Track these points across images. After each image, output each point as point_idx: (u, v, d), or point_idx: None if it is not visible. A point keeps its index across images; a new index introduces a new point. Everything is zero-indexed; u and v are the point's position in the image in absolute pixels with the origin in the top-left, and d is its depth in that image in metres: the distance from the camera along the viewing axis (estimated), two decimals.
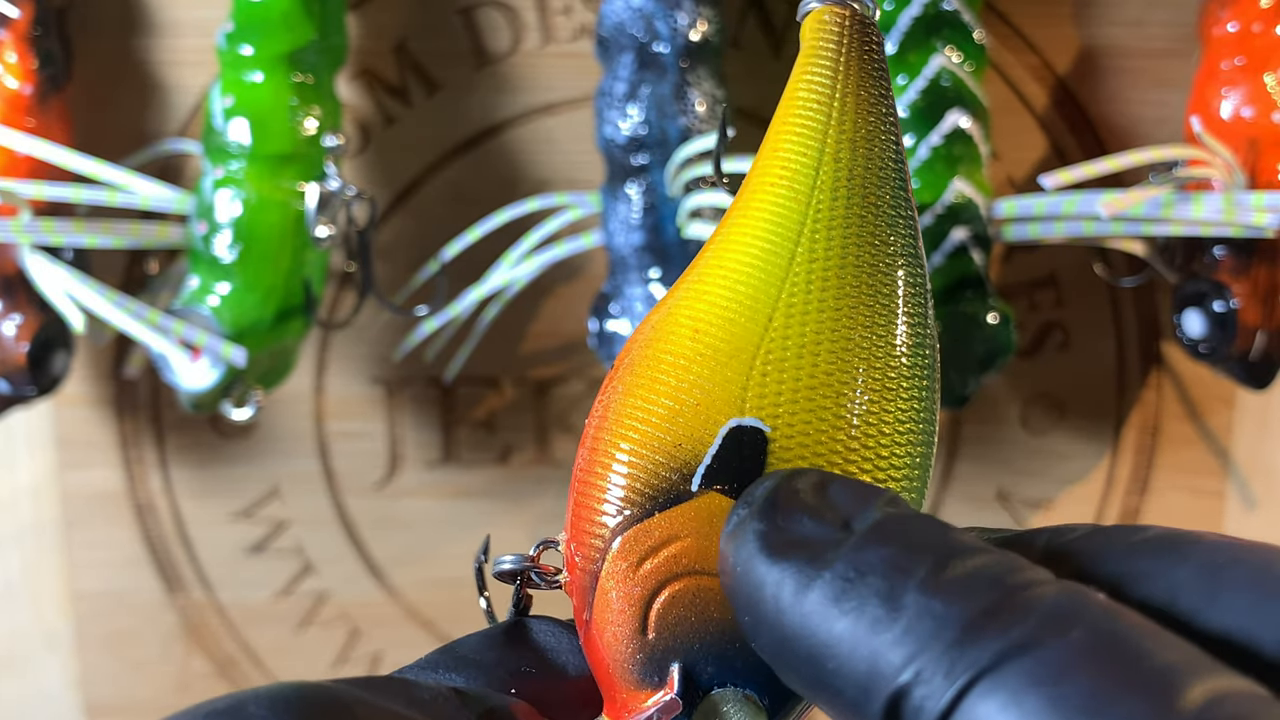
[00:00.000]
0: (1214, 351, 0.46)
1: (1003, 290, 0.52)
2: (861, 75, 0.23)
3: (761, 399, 0.22)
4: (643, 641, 0.21)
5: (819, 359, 0.22)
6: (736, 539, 0.20)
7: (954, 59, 0.45)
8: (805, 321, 0.22)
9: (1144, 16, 0.50)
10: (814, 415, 0.22)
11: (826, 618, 0.18)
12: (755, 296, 0.22)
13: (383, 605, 0.55)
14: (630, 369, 0.23)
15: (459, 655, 0.23)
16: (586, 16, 0.50)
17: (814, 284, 0.22)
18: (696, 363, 0.22)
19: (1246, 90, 0.45)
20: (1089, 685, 0.16)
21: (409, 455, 0.54)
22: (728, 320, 0.22)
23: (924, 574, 0.18)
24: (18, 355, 0.45)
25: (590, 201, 0.47)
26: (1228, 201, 0.42)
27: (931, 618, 0.17)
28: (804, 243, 0.22)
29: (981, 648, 0.17)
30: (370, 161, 0.51)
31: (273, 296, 0.44)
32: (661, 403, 0.22)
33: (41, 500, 0.54)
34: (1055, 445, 0.54)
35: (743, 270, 0.23)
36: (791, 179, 0.23)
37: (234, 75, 0.44)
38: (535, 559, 0.24)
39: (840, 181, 0.23)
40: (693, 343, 0.22)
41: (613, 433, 0.22)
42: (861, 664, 0.18)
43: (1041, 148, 0.51)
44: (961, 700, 0.17)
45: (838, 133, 0.23)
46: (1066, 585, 0.18)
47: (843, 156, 0.23)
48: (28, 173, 0.45)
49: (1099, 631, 0.17)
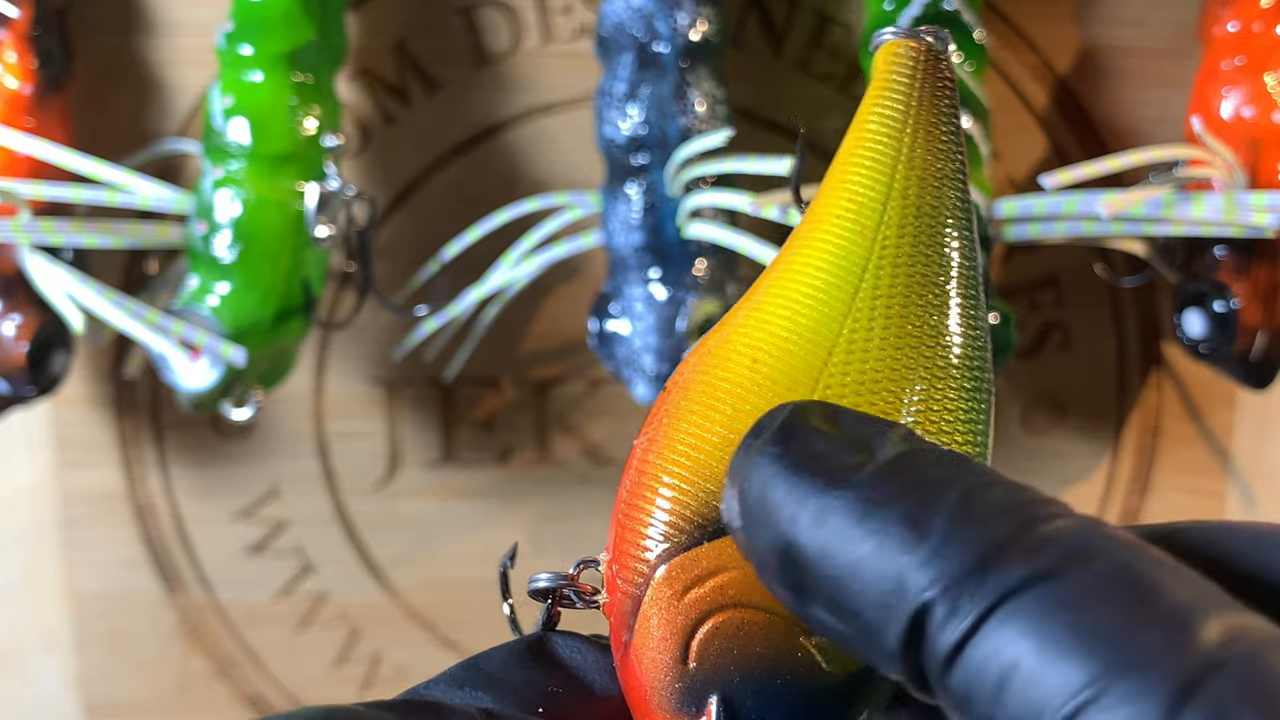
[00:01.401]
0: (1214, 351, 0.46)
1: (1003, 290, 0.52)
2: (934, 111, 0.23)
3: None
4: (683, 670, 0.21)
5: (877, 397, 0.22)
6: (749, 462, 0.20)
7: (954, 59, 0.45)
8: (865, 358, 0.22)
9: (1144, 16, 0.50)
10: None
11: (851, 538, 0.18)
12: (816, 329, 0.22)
13: (383, 605, 0.55)
14: (685, 393, 0.23)
15: (486, 673, 0.23)
16: (586, 16, 0.50)
17: (876, 320, 0.22)
18: (754, 393, 0.22)
19: (1247, 90, 0.45)
20: (1110, 614, 0.17)
21: (409, 455, 0.54)
22: (787, 351, 0.22)
23: (952, 500, 0.18)
24: (17, 355, 0.45)
25: (590, 201, 0.47)
26: (1228, 201, 0.42)
27: (958, 542, 0.18)
28: (868, 278, 0.22)
29: (1007, 573, 0.17)
30: (370, 161, 0.51)
31: (272, 296, 0.44)
32: (716, 430, 0.22)
33: (41, 500, 0.54)
34: (1055, 445, 0.54)
35: (805, 301, 0.22)
36: (859, 212, 0.23)
37: (234, 75, 0.44)
38: (574, 578, 0.24)
39: (908, 218, 0.23)
40: (750, 372, 0.22)
41: (664, 457, 0.22)
42: (886, 583, 0.18)
43: (1041, 148, 0.51)
44: (985, 622, 0.17)
45: (907, 169, 0.23)
46: (1088, 519, 0.18)
47: (910, 193, 0.23)
48: (27, 173, 0.45)
49: (1120, 564, 0.17)
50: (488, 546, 0.55)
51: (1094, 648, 0.16)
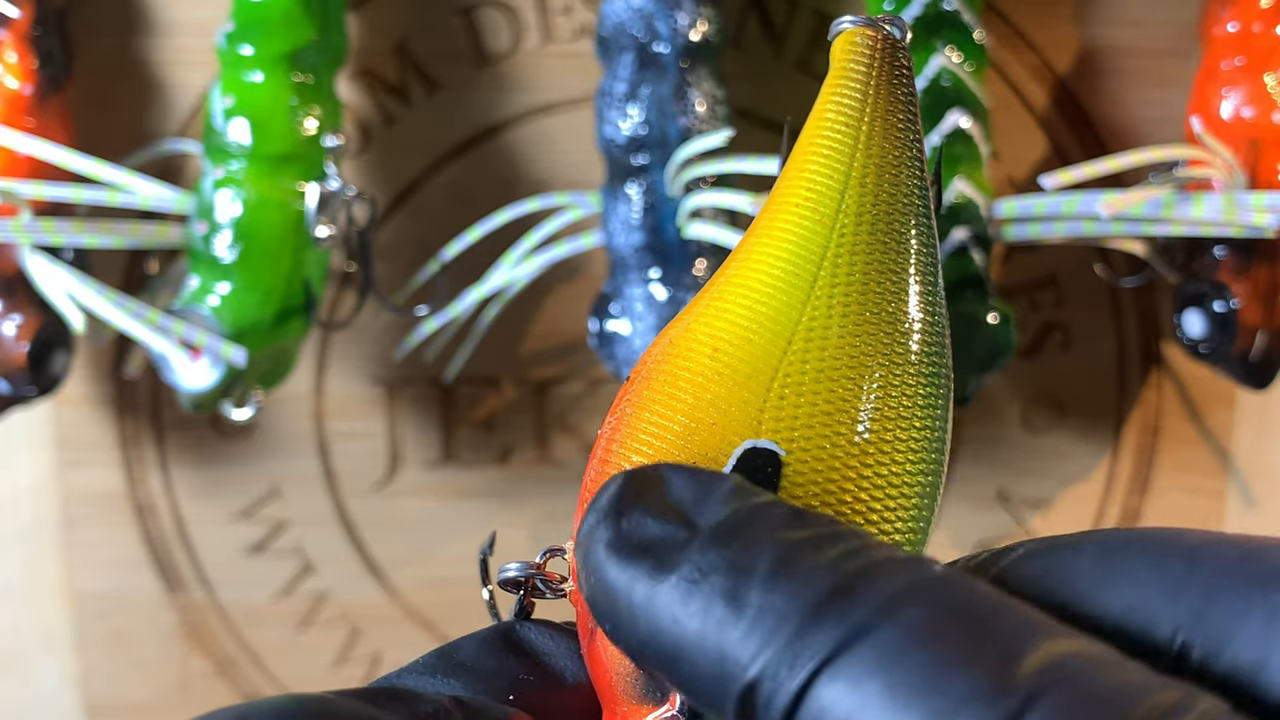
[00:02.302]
0: (1214, 351, 0.46)
1: (1003, 290, 0.52)
2: (891, 100, 0.23)
3: (778, 421, 0.22)
4: None
5: (836, 385, 0.22)
6: (585, 545, 0.20)
7: (954, 59, 0.45)
8: (825, 346, 0.22)
9: (1144, 16, 0.50)
10: (829, 440, 0.21)
11: (676, 620, 0.18)
12: (775, 318, 0.22)
13: (383, 605, 0.55)
14: (646, 383, 0.23)
15: (457, 661, 0.23)
16: (586, 16, 0.50)
17: (835, 308, 0.22)
18: (714, 381, 0.22)
19: (1247, 90, 0.45)
20: (925, 663, 0.16)
21: (409, 455, 0.54)
22: (747, 340, 0.22)
23: (765, 569, 0.18)
24: (18, 355, 0.45)
25: (590, 201, 0.47)
26: (1228, 201, 0.42)
27: (774, 611, 0.18)
28: (827, 266, 0.22)
29: (823, 636, 0.17)
30: (370, 161, 0.51)
31: (273, 297, 0.44)
32: (677, 419, 0.22)
33: (41, 500, 0.54)
34: (1055, 445, 0.54)
35: (764, 290, 0.22)
36: (817, 201, 0.23)
37: (234, 75, 0.44)
38: (541, 567, 0.24)
39: (865, 206, 0.23)
40: (710, 361, 0.22)
41: (626, 446, 0.22)
42: (712, 664, 0.18)
43: (1041, 148, 0.51)
44: (807, 691, 0.17)
45: (865, 156, 0.23)
46: (905, 562, 0.18)
47: (869, 181, 0.23)
48: (28, 173, 0.45)
49: (937, 606, 0.17)
50: None
51: (915, 699, 0.16)
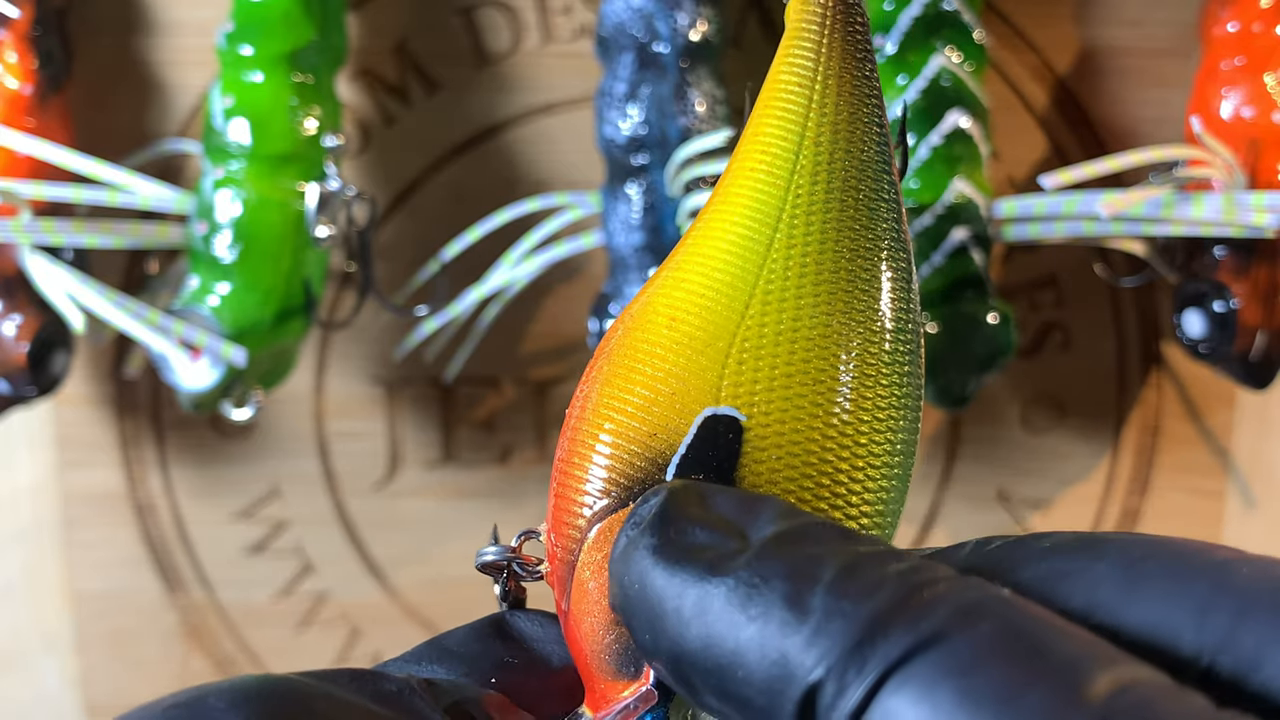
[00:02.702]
0: (1214, 351, 0.46)
1: (1003, 290, 0.52)
2: (845, 58, 0.23)
3: (738, 387, 0.21)
4: (619, 632, 0.21)
5: (796, 346, 0.22)
6: (628, 556, 0.20)
7: (954, 59, 0.45)
8: (783, 308, 0.22)
9: (1144, 16, 0.50)
10: (791, 403, 0.21)
11: (733, 625, 0.18)
12: (732, 284, 0.22)
13: (383, 605, 0.55)
14: (608, 359, 0.23)
15: (444, 648, 0.23)
16: (586, 16, 0.50)
17: (791, 270, 0.22)
18: (673, 351, 0.22)
19: (1246, 90, 0.45)
20: (998, 676, 0.16)
21: (409, 455, 0.54)
22: (704, 308, 0.22)
23: (830, 576, 0.18)
24: (18, 355, 0.45)
25: (590, 201, 0.47)
26: (1228, 201, 0.42)
27: (841, 616, 0.17)
28: (783, 228, 0.22)
29: (892, 642, 0.17)
30: (370, 161, 0.51)
31: (273, 297, 0.44)
32: (637, 392, 0.22)
33: (41, 500, 0.54)
34: (1055, 445, 0.54)
35: (720, 257, 0.22)
36: (770, 164, 0.23)
37: (234, 75, 0.44)
38: (517, 550, 0.24)
39: (820, 166, 0.22)
40: (669, 331, 0.22)
41: (590, 423, 0.22)
42: (771, 668, 0.18)
43: (1041, 148, 0.51)
44: (875, 696, 0.17)
45: (819, 116, 0.23)
46: (970, 581, 0.18)
47: (823, 140, 0.23)
48: (28, 173, 0.45)
49: (1006, 624, 0.17)
50: None
51: (989, 710, 0.16)
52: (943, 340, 0.45)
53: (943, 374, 0.45)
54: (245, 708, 0.19)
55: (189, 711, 0.19)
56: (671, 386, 0.22)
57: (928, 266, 0.45)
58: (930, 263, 0.45)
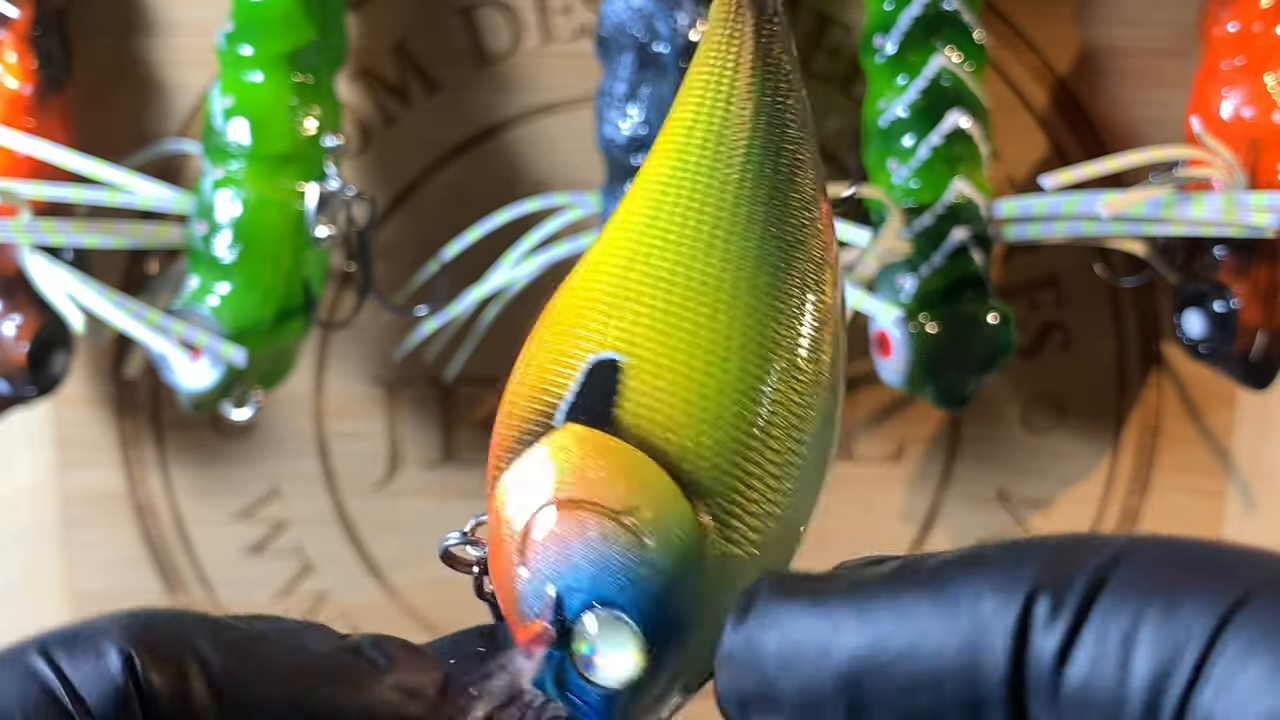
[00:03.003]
0: (1214, 351, 0.46)
1: (1003, 290, 0.52)
2: (755, 40, 0.25)
3: (620, 332, 0.22)
4: (520, 576, 0.22)
5: (674, 289, 0.22)
6: (752, 627, 0.19)
7: (954, 59, 0.45)
8: (664, 256, 0.23)
9: (1144, 16, 0.50)
10: (666, 343, 0.22)
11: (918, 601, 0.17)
12: (627, 249, 0.23)
13: (383, 605, 0.55)
14: (526, 343, 0.24)
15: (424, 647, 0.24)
16: (586, 16, 0.50)
17: (674, 226, 0.23)
18: (567, 314, 0.23)
19: (1246, 90, 0.45)
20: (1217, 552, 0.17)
21: (409, 455, 0.54)
22: (599, 272, 0.23)
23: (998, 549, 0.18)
24: (18, 355, 0.45)
25: (590, 201, 0.47)
26: (1228, 201, 0.42)
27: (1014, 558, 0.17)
28: (670, 193, 0.23)
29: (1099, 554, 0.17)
30: (370, 161, 0.51)
31: (273, 296, 0.44)
32: (538, 357, 0.23)
33: (41, 500, 0.54)
34: (1055, 445, 0.54)
35: (616, 229, 0.24)
36: (668, 139, 0.24)
37: (234, 75, 0.44)
38: (471, 533, 0.25)
39: (711, 132, 0.24)
40: (568, 298, 0.24)
41: (506, 395, 0.24)
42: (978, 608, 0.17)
43: (1041, 148, 0.51)
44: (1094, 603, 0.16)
45: (715, 91, 0.24)
46: None
47: (718, 110, 0.24)
48: (28, 173, 0.45)
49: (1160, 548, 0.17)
50: None
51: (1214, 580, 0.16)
52: (943, 340, 0.45)
53: (943, 374, 0.45)
54: (130, 629, 0.20)
55: (81, 623, 0.20)
56: (564, 347, 0.23)
57: (927, 266, 0.45)
58: (930, 263, 0.45)
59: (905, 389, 0.46)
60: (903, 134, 0.45)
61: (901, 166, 0.45)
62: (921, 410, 0.53)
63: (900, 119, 0.45)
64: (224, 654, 0.20)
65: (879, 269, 0.45)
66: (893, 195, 0.45)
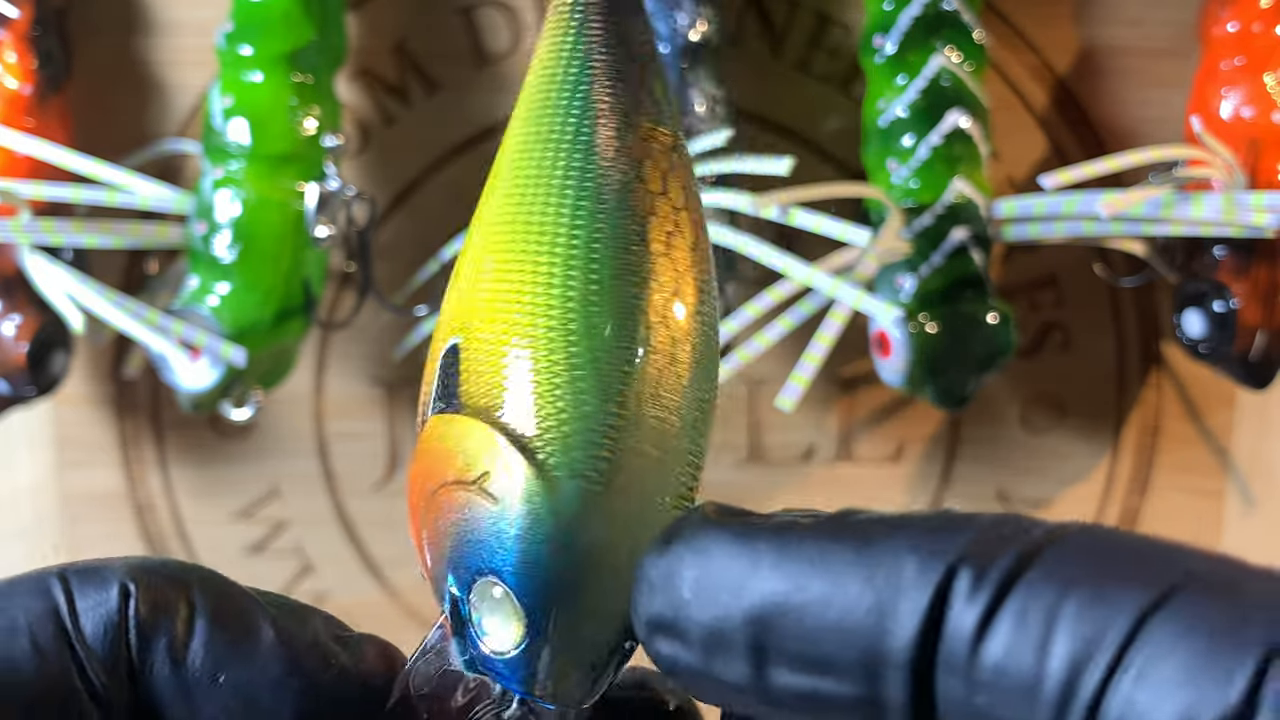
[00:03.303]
0: (1214, 351, 0.46)
1: (1003, 290, 0.52)
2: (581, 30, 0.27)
3: (456, 319, 0.23)
4: (425, 570, 0.22)
5: (495, 272, 0.23)
6: (670, 554, 0.19)
7: (954, 59, 0.45)
8: (485, 245, 0.23)
9: (1144, 16, 0.50)
10: (489, 320, 0.22)
11: (831, 555, 0.17)
12: (472, 239, 0.24)
13: (382, 605, 0.55)
14: None
15: None
16: None
17: (484, 210, 0.24)
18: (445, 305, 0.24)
19: (1246, 90, 0.45)
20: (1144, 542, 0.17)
21: (409, 455, 0.54)
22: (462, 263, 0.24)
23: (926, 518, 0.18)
24: (17, 355, 0.45)
25: None
26: (1228, 201, 0.42)
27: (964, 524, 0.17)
28: (500, 181, 0.24)
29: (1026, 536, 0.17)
30: (370, 161, 0.51)
31: (272, 296, 0.44)
32: (426, 370, 0.23)
33: (41, 500, 0.54)
34: (1055, 445, 0.54)
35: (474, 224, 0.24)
36: (515, 125, 0.26)
37: (234, 75, 0.44)
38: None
39: (521, 114, 0.26)
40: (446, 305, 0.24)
41: None
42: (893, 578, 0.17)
43: (1041, 148, 0.51)
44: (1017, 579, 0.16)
45: (537, 82, 0.27)
46: None
47: (527, 91, 0.27)
48: (27, 173, 0.45)
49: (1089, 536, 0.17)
50: None
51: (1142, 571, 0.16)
52: (942, 340, 0.45)
53: (942, 374, 0.45)
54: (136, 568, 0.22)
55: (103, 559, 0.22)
56: (435, 345, 0.23)
57: (927, 266, 0.45)
58: (930, 263, 0.45)
59: (905, 389, 0.46)
60: (902, 134, 0.45)
61: (901, 166, 0.45)
62: (921, 410, 0.53)
63: (900, 119, 0.45)
64: (214, 599, 0.22)
65: (879, 269, 0.45)
66: (892, 195, 0.45)
